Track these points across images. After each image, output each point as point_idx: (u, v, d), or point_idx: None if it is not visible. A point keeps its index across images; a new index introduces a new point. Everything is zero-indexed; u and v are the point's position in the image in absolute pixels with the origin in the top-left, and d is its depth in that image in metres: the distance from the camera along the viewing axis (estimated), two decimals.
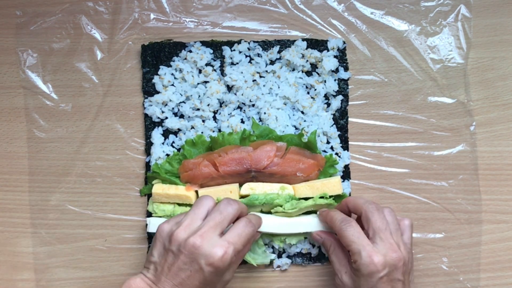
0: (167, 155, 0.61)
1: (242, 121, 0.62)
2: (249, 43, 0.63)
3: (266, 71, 0.63)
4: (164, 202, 0.59)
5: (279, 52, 0.63)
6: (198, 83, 0.62)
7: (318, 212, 0.58)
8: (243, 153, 0.58)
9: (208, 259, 0.48)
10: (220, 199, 0.53)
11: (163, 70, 0.62)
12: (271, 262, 0.60)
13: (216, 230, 0.49)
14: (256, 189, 0.58)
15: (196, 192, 0.59)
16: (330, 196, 0.58)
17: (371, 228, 0.52)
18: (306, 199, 0.58)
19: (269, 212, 0.58)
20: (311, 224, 0.58)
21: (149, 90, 0.63)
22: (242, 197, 0.58)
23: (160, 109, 0.62)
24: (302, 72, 0.63)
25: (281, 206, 0.57)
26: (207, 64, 0.63)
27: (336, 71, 0.63)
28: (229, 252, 0.48)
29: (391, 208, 0.54)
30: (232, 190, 0.58)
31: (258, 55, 0.63)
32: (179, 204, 0.59)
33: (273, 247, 0.60)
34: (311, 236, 0.59)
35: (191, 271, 0.48)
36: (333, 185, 0.58)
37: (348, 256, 0.54)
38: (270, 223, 0.57)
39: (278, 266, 0.60)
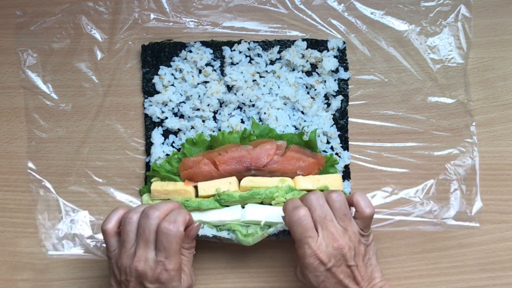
0: (167, 155, 0.61)
1: (242, 121, 0.62)
2: (249, 43, 0.63)
3: (266, 71, 0.63)
4: (163, 199, 0.59)
5: (279, 52, 0.63)
6: (198, 83, 0.62)
7: None
8: (243, 152, 0.58)
9: (152, 279, 0.49)
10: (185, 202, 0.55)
11: (163, 70, 0.62)
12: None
13: (149, 247, 0.49)
14: (256, 181, 0.58)
15: (195, 187, 0.59)
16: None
17: (313, 219, 0.51)
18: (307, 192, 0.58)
19: (270, 204, 0.58)
20: None
21: (149, 90, 0.63)
22: (243, 190, 0.58)
23: (160, 109, 0.62)
24: (302, 72, 0.63)
25: (283, 197, 0.57)
26: (207, 64, 0.63)
27: (336, 71, 0.63)
28: (167, 267, 0.49)
29: (339, 192, 0.52)
30: (231, 182, 0.58)
31: (258, 55, 0.63)
32: None
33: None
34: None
35: None
36: (334, 179, 0.58)
37: None
38: (270, 213, 0.57)
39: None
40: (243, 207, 0.58)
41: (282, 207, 0.54)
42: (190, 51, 0.63)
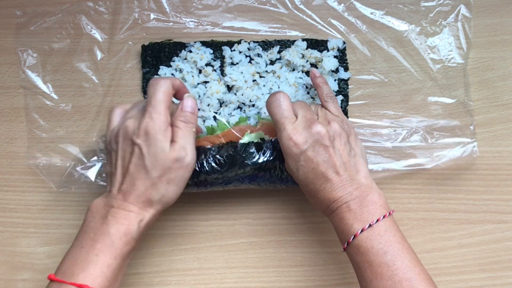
0: None
1: None
2: (249, 43, 0.63)
3: (266, 71, 0.63)
4: None
5: (279, 52, 0.63)
6: (198, 83, 0.62)
7: None
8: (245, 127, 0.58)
9: (137, 131, 0.49)
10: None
11: (163, 70, 0.62)
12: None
13: (140, 109, 0.51)
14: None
15: None
16: None
17: (292, 104, 0.52)
18: None
19: None
20: None
21: None
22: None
23: None
24: (302, 72, 0.63)
25: None
26: (207, 64, 0.63)
27: (336, 71, 0.63)
28: (153, 116, 0.49)
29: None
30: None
31: (258, 55, 0.63)
32: None
33: None
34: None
35: (129, 151, 0.49)
36: None
37: None
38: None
39: None
40: None
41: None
42: (190, 51, 0.63)
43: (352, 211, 0.48)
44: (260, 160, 0.54)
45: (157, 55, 0.63)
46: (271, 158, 0.54)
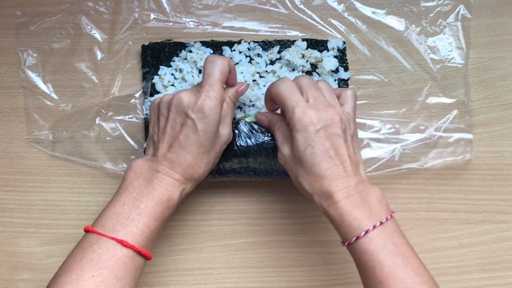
0: None
1: None
2: (249, 43, 0.63)
3: (266, 71, 0.63)
4: None
5: (279, 52, 0.63)
6: (198, 83, 0.62)
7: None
8: None
9: (194, 107, 0.49)
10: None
11: (163, 70, 0.62)
12: None
13: (195, 86, 0.51)
14: None
15: None
16: None
17: (301, 88, 0.51)
18: None
19: None
20: None
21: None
22: None
23: None
24: (302, 72, 0.63)
25: None
26: None
27: (336, 71, 0.63)
28: (210, 95, 0.49)
29: (325, 81, 0.53)
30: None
31: (258, 55, 0.63)
32: None
33: None
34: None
35: (182, 124, 0.49)
36: None
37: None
38: None
39: None
40: None
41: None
42: (190, 51, 0.63)
43: (359, 206, 0.46)
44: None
45: (157, 55, 0.63)
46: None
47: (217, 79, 0.50)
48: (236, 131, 0.56)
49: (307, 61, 0.63)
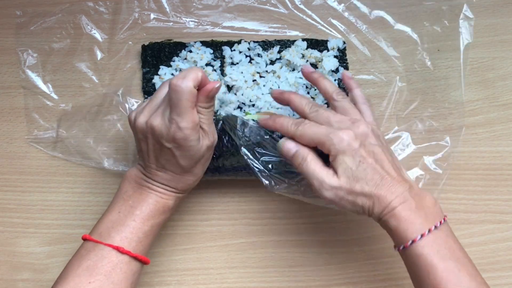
0: None
1: None
2: (249, 43, 0.63)
3: (266, 71, 0.63)
4: None
5: (279, 52, 0.63)
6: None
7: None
8: None
9: (167, 138, 0.48)
10: None
11: (163, 70, 0.62)
12: None
13: (166, 107, 0.48)
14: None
15: None
16: None
17: (326, 96, 0.52)
18: None
19: None
20: None
21: (149, 90, 0.63)
22: None
23: None
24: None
25: None
26: (207, 64, 0.63)
27: (336, 71, 0.63)
28: (181, 125, 0.47)
29: (344, 94, 0.53)
30: None
31: (258, 55, 0.63)
32: None
33: None
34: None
35: (161, 150, 0.49)
36: None
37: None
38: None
39: None
40: None
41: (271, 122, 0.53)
42: (190, 51, 0.63)
43: (416, 210, 0.46)
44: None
45: (157, 55, 0.63)
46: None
47: (185, 107, 0.47)
48: (220, 130, 0.55)
49: (307, 61, 0.63)
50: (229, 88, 0.62)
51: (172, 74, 0.62)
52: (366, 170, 0.47)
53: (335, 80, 0.63)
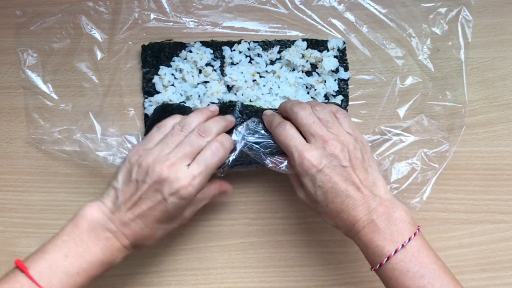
0: None
1: None
2: (249, 43, 0.63)
3: (266, 71, 0.63)
4: None
5: (279, 52, 0.63)
6: (198, 83, 0.62)
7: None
8: None
9: (172, 190, 0.47)
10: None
11: (163, 70, 0.62)
12: None
13: (185, 161, 0.48)
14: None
15: None
16: None
17: (300, 127, 0.50)
18: None
19: None
20: None
21: (149, 90, 0.63)
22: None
23: None
24: (302, 72, 0.63)
25: None
26: (207, 64, 0.63)
27: (336, 71, 0.63)
28: (194, 184, 0.48)
29: (323, 104, 0.53)
30: None
31: (258, 55, 0.63)
32: None
33: None
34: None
35: (154, 201, 0.48)
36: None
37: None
38: None
39: None
40: None
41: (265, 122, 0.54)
42: (190, 51, 0.63)
43: (381, 231, 0.46)
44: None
45: (157, 55, 0.63)
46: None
47: (211, 168, 0.49)
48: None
49: (307, 61, 0.63)
50: (229, 88, 0.62)
51: (172, 74, 0.62)
52: (325, 194, 0.48)
53: (335, 80, 0.63)
